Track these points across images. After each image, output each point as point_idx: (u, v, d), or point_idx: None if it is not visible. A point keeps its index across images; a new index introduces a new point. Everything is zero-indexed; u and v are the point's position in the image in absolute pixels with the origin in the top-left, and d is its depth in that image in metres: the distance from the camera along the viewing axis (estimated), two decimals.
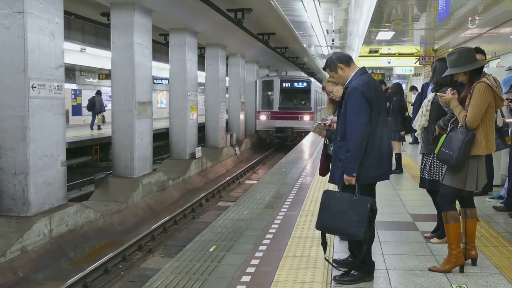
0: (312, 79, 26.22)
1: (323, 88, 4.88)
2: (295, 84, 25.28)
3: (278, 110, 24.62)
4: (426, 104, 4.96)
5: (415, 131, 5.22)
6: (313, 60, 33.49)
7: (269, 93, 25.45)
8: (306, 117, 24.41)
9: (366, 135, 3.75)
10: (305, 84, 25.25)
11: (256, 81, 25.61)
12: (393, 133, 9.11)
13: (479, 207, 5.15)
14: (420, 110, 5.07)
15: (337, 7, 15.35)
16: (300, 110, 24.68)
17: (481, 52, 5.95)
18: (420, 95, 7.41)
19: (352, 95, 3.81)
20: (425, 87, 7.01)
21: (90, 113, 21.58)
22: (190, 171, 15.11)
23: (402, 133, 9.39)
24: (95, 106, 20.80)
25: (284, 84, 24.96)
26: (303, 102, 25.26)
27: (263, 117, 24.87)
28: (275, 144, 25.15)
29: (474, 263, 4.25)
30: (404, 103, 9.83)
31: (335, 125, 4.32)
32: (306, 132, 22.48)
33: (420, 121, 4.98)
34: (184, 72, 15.20)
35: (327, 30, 19.41)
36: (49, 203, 8.32)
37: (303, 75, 29.74)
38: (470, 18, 10.96)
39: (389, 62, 21.06)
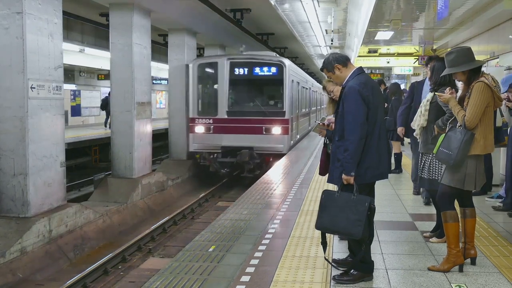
0: (287, 62, 14.93)
1: (324, 88, 4.89)
2: (257, 69, 14.50)
3: (226, 117, 14.26)
4: (425, 104, 4.97)
5: (414, 130, 5.23)
6: (312, 60, 33.31)
7: (212, 86, 15.25)
8: (276, 129, 14.10)
9: (364, 134, 3.77)
10: (274, 69, 14.45)
11: (188, 66, 14.90)
12: (391, 133, 9.10)
13: (478, 206, 5.15)
14: (419, 110, 5.08)
15: (336, 7, 15.37)
16: (266, 117, 14.20)
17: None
18: (410, 96, 7.14)
19: (349, 95, 3.83)
20: (417, 86, 6.82)
21: (89, 113, 21.62)
22: (190, 171, 15.11)
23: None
24: (108, 105, 20.95)
25: (236, 69, 14.43)
26: (271, 103, 15.08)
27: (200, 128, 14.38)
28: (223, 175, 15.03)
29: (473, 262, 4.26)
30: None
31: (333, 125, 4.33)
32: (277, 156, 13.63)
33: (419, 121, 4.99)
34: (183, 72, 15.20)
35: (326, 30, 19.41)
36: (48, 203, 8.32)
37: (273, 54, 16.64)
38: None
39: (388, 62, 21.08)
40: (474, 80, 4.02)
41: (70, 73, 22.88)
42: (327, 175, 4.22)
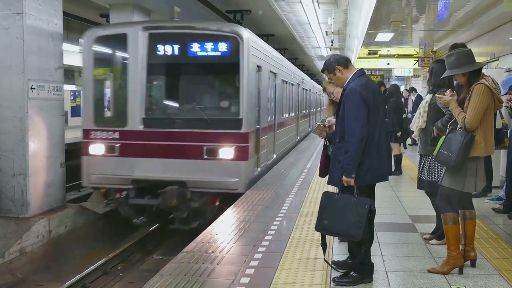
0: (246, 34, 8.41)
1: (324, 90, 4.90)
2: (194, 47, 8.32)
3: (142, 130, 8.31)
4: (423, 105, 4.97)
5: (413, 132, 5.23)
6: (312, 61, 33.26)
7: (119, 76, 9.11)
8: (226, 151, 8.11)
9: (365, 136, 3.77)
10: (223, 46, 8.30)
11: (83, 41, 8.76)
12: (390, 134, 9.09)
13: (478, 208, 5.15)
14: (418, 111, 5.08)
15: (336, 9, 15.38)
16: (209, 130, 8.18)
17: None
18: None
19: (349, 96, 3.84)
20: None
21: None
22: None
23: (399, 134, 9.40)
24: None
25: (160, 47, 8.39)
26: (219, 104, 9.03)
27: (98, 149, 8.49)
28: (141, 224, 8.92)
29: (473, 264, 4.26)
30: (401, 104, 9.83)
31: (334, 127, 4.34)
32: (229, 196, 8.07)
33: (417, 123, 4.99)
34: None
35: (326, 32, 19.43)
36: (48, 204, 8.31)
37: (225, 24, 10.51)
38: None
39: (388, 64, 21.12)
40: (474, 82, 4.02)
41: (70, 73, 22.88)
42: (327, 176, 4.22)
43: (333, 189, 4.20)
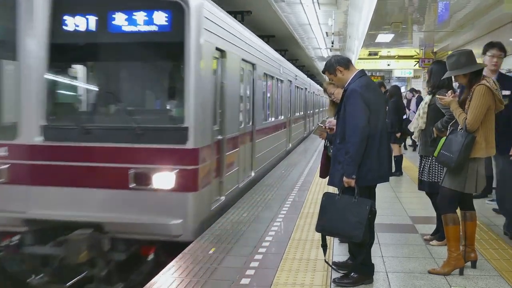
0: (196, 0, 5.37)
1: (325, 90, 4.90)
2: (118, 19, 5.39)
3: (41, 144, 5.40)
4: (423, 106, 4.98)
5: (412, 133, 5.24)
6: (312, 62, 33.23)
7: (7, 64, 5.75)
8: (164, 176, 5.23)
9: (365, 137, 3.77)
10: (161, 18, 5.32)
11: None
12: (389, 135, 9.06)
13: (479, 209, 5.14)
14: (417, 112, 5.09)
15: (337, 10, 15.39)
16: (139, 144, 5.29)
17: (497, 46, 5.20)
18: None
19: (350, 97, 3.84)
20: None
21: None
22: None
23: (398, 134, 9.39)
24: None
25: (68, 19, 5.46)
26: (161, 106, 6.28)
27: None
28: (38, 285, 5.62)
29: (473, 265, 4.26)
30: (400, 105, 9.83)
31: (335, 128, 4.34)
32: (168, 245, 5.31)
33: (417, 124, 5.00)
34: None
35: (326, 33, 19.44)
36: None
37: None
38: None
39: (388, 65, 21.14)
40: (475, 83, 4.03)
41: None
42: (328, 177, 4.22)
43: (333, 190, 4.20)
